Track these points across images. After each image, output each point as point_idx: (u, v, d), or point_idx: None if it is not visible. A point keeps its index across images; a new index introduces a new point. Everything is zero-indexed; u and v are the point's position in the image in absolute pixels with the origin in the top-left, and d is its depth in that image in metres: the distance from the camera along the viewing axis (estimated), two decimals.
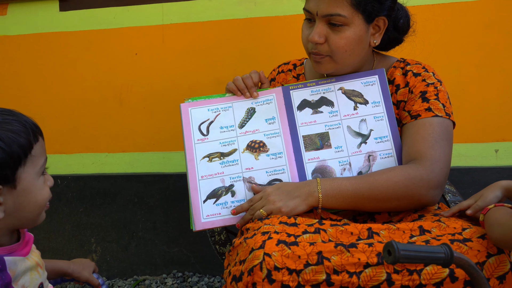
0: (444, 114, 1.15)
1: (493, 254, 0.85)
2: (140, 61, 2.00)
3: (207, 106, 1.26)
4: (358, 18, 1.12)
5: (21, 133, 0.80)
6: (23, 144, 0.79)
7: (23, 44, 2.06)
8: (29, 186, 0.81)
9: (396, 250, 0.65)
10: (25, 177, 0.80)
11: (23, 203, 0.81)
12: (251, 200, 1.12)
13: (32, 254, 0.87)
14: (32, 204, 0.82)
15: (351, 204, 1.09)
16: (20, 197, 0.80)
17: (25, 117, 0.83)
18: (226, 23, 1.93)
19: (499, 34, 1.77)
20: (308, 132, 1.21)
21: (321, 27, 1.14)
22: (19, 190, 0.80)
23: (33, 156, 0.82)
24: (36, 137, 0.83)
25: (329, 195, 1.08)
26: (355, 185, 1.08)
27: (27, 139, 0.80)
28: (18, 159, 0.79)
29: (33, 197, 0.82)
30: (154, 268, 2.02)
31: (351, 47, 1.15)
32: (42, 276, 0.87)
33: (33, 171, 0.82)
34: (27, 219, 0.84)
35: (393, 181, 1.07)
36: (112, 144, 2.04)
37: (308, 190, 1.08)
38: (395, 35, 1.26)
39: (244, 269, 0.88)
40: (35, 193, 0.82)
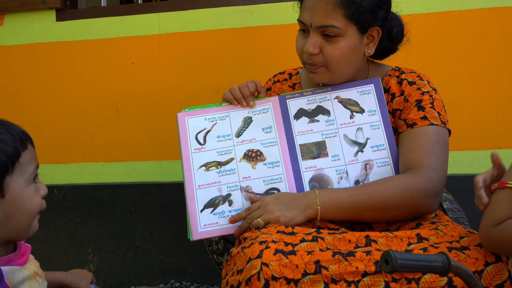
0: (440, 122, 1.15)
1: (491, 262, 0.85)
2: (137, 70, 2.00)
3: (204, 116, 1.26)
4: (352, 29, 1.13)
5: (7, 141, 0.80)
6: (10, 152, 0.79)
7: (20, 54, 2.06)
8: (18, 195, 0.81)
9: (393, 259, 0.65)
10: (13, 185, 0.80)
11: (13, 212, 0.80)
12: (249, 209, 1.12)
13: (30, 264, 0.86)
14: (22, 213, 0.82)
15: (350, 215, 1.09)
16: (10, 206, 0.80)
17: (13, 126, 0.83)
18: (223, 32, 1.94)
19: (494, 43, 1.78)
20: (305, 141, 1.21)
21: (315, 38, 1.15)
22: (8, 199, 0.79)
23: (22, 164, 0.81)
24: (24, 144, 0.83)
25: (327, 207, 1.08)
26: (353, 196, 1.08)
27: (14, 147, 0.80)
28: (4, 167, 0.78)
29: (22, 206, 0.81)
30: (151, 278, 2.00)
31: (345, 57, 1.15)
32: (42, 285, 0.87)
33: (22, 179, 0.81)
34: (18, 229, 0.83)
35: (391, 192, 1.07)
36: (109, 154, 2.03)
37: (306, 202, 1.08)
38: (389, 44, 1.27)
39: (242, 279, 0.88)
40: (24, 201, 0.82)
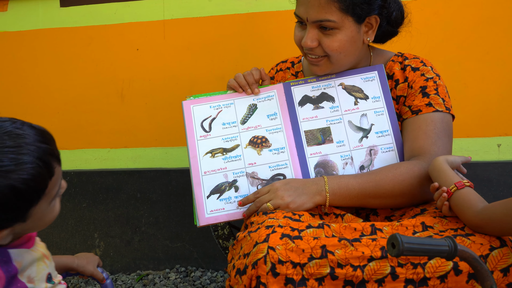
0: (444, 108, 1.16)
1: (496, 247, 0.86)
2: (141, 57, 1.99)
3: (209, 103, 1.27)
4: (348, 21, 1.12)
5: (36, 178, 0.73)
6: (38, 189, 0.74)
7: (23, 40, 2.05)
8: (40, 216, 0.79)
9: (400, 242, 0.65)
10: (36, 212, 0.77)
11: (33, 227, 0.80)
12: (257, 192, 1.12)
13: (38, 246, 0.87)
14: (40, 225, 0.81)
15: (357, 202, 1.10)
16: (30, 224, 0.78)
17: (41, 148, 0.74)
18: (228, 18, 1.92)
19: (501, 29, 1.76)
20: (309, 127, 1.21)
21: (312, 32, 1.15)
22: (28, 221, 0.77)
23: (47, 193, 0.77)
24: (51, 172, 0.76)
25: (336, 194, 1.08)
26: (362, 184, 1.09)
27: (43, 182, 0.74)
28: (30, 202, 0.75)
29: (42, 221, 0.80)
30: (157, 263, 2.03)
31: (344, 48, 1.15)
32: (49, 266, 0.88)
33: (45, 204, 0.78)
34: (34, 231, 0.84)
35: (399, 179, 1.08)
36: (114, 140, 2.04)
37: (316, 188, 1.09)
38: (389, 29, 1.25)
39: (248, 262, 0.89)
40: (45, 217, 0.80)
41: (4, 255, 0.77)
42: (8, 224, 0.74)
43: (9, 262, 0.78)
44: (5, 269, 0.76)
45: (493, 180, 1.79)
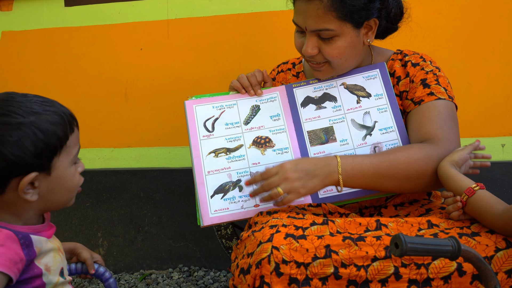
0: (447, 97, 1.15)
1: (502, 248, 0.85)
2: (145, 56, 2.00)
3: (212, 104, 1.27)
4: (347, 28, 1.12)
5: (59, 125, 0.84)
6: (60, 136, 0.84)
7: (28, 40, 2.06)
8: (62, 174, 0.86)
9: (403, 242, 0.65)
10: (59, 166, 0.85)
11: (56, 188, 0.86)
12: (265, 172, 1.05)
13: (54, 240, 0.92)
14: (63, 189, 0.88)
15: (371, 184, 1.07)
16: (53, 183, 0.85)
17: (63, 108, 0.88)
18: (231, 18, 1.92)
19: (506, 28, 1.76)
20: (312, 128, 1.21)
21: (312, 40, 1.15)
22: (53, 176, 0.85)
23: (68, 146, 0.86)
24: (72, 128, 0.88)
25: (349, 175, 1.04)
26: (376, 164, 1.05)
27: (64, 131, 0.85)
28: (54, 149, 0.84)
29: (64, 183, 0.87)
30: (160, 262, 2.03)
31: (345, 54, 1.15)
32: (63, 261, 0.92)
33: (67, 160, 0.87)
34: (58, 202, 0.89)
35: (414, 159, 1.05)
36: (117, 139, 2.05)
37: (328, 170, 1.04)
38: (388, 26, 1.25)
39: (252, 262, 0.89)
40: (66, 179, 0.88)
41: (27, 239, 0.81)
42: (35, 168, 0.81)
43: (30, 246, 0.82)
44: (26, 252, 0.81)
45: (497, 180, 1.78)
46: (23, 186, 0.81)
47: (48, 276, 0.85)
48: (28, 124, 0.80)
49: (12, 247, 0.79)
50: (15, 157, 0.79)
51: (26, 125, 0.80)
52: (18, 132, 0.79)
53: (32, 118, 0.81)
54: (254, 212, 1.12)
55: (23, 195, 0.82)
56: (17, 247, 0.80)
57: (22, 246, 0.81)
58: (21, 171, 0.81)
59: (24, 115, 0.81)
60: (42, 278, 0.84)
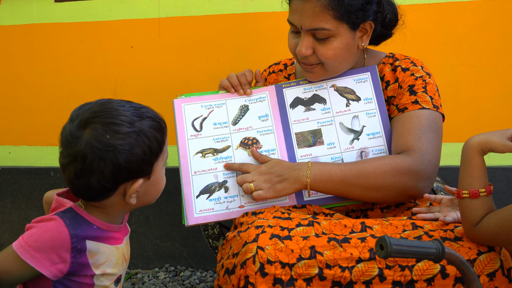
0: (432, 106, 1.14)
1: (484, 252, 0.86)
2: (136, 54, 1.99)
3: (201, 103, 1.26)
4: (343, 29, 1.11)
5: (158, 130, 0.89)
6: (160, 140, 0.89)
7: (17, 35, 2.04)
8: (158, 177, 0.92)
9: (388, 244, 0.65)
10: (157, 169, 0.90)
11: (151, 190, 0.92)
12: (243, 164, 1.16)
13: (125, 246, 0.94)
14: (155, 191, 0.93)
15: (339, 191, 1.09)
16: (150, 186, 0.91)
17: (155, 113, 0.92)
18: (223, 17, 1.92)
19: (494, 35, 1.78)
20: (300, 129, 1.21)
21: (307, 40, 1.14)
22: (151, 180, 0.90)
23: (164, 150, 0.92)
24: (165, 132, 0.92)
25: (317, 179, 1.09)
26: (344, 171, 1.08)
27: (161, 135, 0.90)
28: (156, 154, 0.88)
29: (157, 186, 0.93)
30: (146, 261, 2.02)
31: (339, 56, 1.15)
32: (123, 270, 0.94)
33: (162, 163, 0.92)
34: (146, 203, 0.94)
35: (382, 170, 1.07)
36: None
37: (297, 174, 1.10)
38: (383, 31, 1.25)
39: (237, 262, 0.88)
40: (160, 182, 0.93)
41: (79, 244, 0.84)
42: (142, 173, 0.86)
43: (82, 251, 0.84)
44: (73, 255, 0.83)
45: None
46: (132, 192, 0.86)
47: (100, 279, 0.88)
48: (139, 133, 0.85)
49: (58, 249, 0.81)
50: (128, 164, 0.83)
51: (137, 133, 0.85)
52: (132, 140, 0.83)
53: (139, 125, 0.85)
54: (239, 213, 1.12)
55: (130, 199, 0.87)
56: (64, 251, 0.82)
57: (72, 250, 0.83)
58: (130, 177, 0.85)
59: (134, 124, 0.85)
60: (93, 278, 0.87)
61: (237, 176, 1.16)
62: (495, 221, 0.83)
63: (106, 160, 0.82)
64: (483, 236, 0.86)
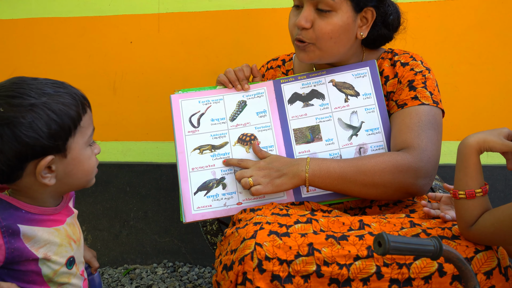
0: (432, 102, 1.13)
1: (481, 250, 0.86)
2: (135, 50, 1.98)
3: (198, 98, 1.25)
4: (346, 5, 1.11)
5: (71, 105, 0.85)
6: (73, 116, 0.85)
7: (15, 29, 2.03)
8: (78, 155, 0.87)
9: (386, 241, 0.65)
10: (74, 147, 0.86)
11: (72, 170, 0.87)
12: (242, 160, 1.16)
13: (68, 227, 0.91)
14: (80, 171, 0.89)
15: (338, 187, 1.09)
16: (70, 165, 0.86)
17: (75, 90, 0.89)
18: (223, 14, 1.92)
19: (493, 33, 1.78)
20: (298, 126, 1.21)
21: (308, 11, 1.13)
22: (69, 159, 0.86)
23: (82, 127, 0.87)
24: (85, 109, 0.89)
25: (316, 175, 1.08)
26: (343, 168, 1.08)
27: (76, 111, 0.85)
28: (68, 130, 0.84)
29: (81, 166, 0.88)
30: (144, 257, 2.02)
31: (336, 34, 1.13)
32: (75, 251, 0.92)
33: (82, 141, 0.88)
34: (75, 185, 0.90)
35: (381, 167, 1.06)
36: (104, 133, 2.03)
37: (296, 169, 1.09)
38: (384, 32, 1.24)
39: (235, 258, 0.89)
40: (83, 161, 0.89)
41: (10, 228, 0.81)
42: (52, 150, 0.82)
43: (15, 234, 0.81)
44: (7, 240, 0.81)
45: None
46: (40, 170, 0.82)
47: (46, 263, 0.85)
48: (40, 105, 0.81)
49: None
50: (29, 139, 0.79)
51: (38, 106, 0.81)
52: (31, 114, 0.80)
53: (44, 99, 0.82)
54: (237, 210, 1.12)
55: (41, 179, 0.83)
56: None
57: (4, 234, 0.80)
58: (37, 154, 0.81)
59: (36, 96, 0.81)
60: (38, 263, 0.84)
61: (235, 173, 1.16)
62: (491, 221, 0.83)
63: (2, 136, 0.78)
64: (479, 236, 0.86)
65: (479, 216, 0.86)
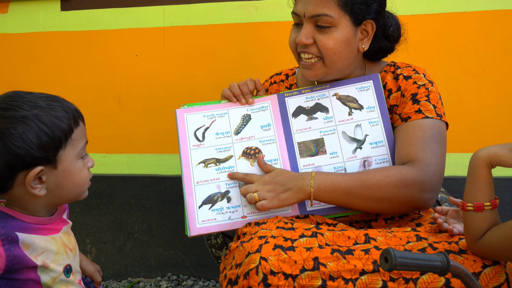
0: (435, 115, 1.13)
1: (489, 265, 0.85)
2: (140, 63, 2.00)
3: (203, 112, 1.26)
4: (345, 20, 1.12)
5: (63, 118, 0.87)
6: (64, 129, 0.87)
7: (23, 43, 2.05)
8: (69, 167, 0.89)
9: (393, 257, 0.65)
10: (65, 159, 0.88)
11: (63, 182, 0.89)
12: (247, 175, 1.15)
13: (64, 235, 0.92)
14: (71, 183, 0.90)
15: (343, 201, 1.09)
16: (60, 176, 0.88)
17: (68, 103, 0.91)
18: (227, 27, 1.93)
19: (498, 45, 1.78)
20: (303, 139, 1.21)
21: (308, 28, 1.14)
22: (60, 170, 0.87)
23: (73, 139, 0.89)
24: (77, 122, 0.91)
25: (321, 189, 1.08)
26: (348, 182, 1.08)
27: (68, 124, 0.88)
28: (59, 142, 0.86)
29: (72, 177, 0.90)
30: (149, 270, 2.01)
31: (339, 49, 1.14)
32: (71, 259, 0.92)
33: (73, 153, 0.89)
34: (67, 197, 0.91)
35: (386, 181, 1.06)
36: (109, 145, 2.03)
37: (301, 183, 1.09)
38: (386, 44, 1.25)
39: (240, 272, 0.88)
40: (74, 173, 0.90)
41: (9, 235, 0.82)
42: (41, 161, 0.84)
43: (14, 242, 0.82)
44: (7, 248, 0.81)
45: None
46: (29, 180, 0.83)
47: (45, 271, 0.86)
48: (31, 117, 0.83)
49: None
50: (19, 150, 0.81)
51: (29, 118, 0.83)
52: (22, 125, 0.82)
53: (35, 112, 0.84)
54: (242, 223, 1.12)
55: (31, 189, 0.84)
56: None
57: (3, 242, 0.81)
58: (27, 165, 0.83)
59: (28, 109, 0.84)
60: (37, 271, 0.85)
61: (239, 186, 1.16)
62: (498, 236, 0.82)
63: None
64: (486, 250, 0.85)
65: (486, 230, 0.86)
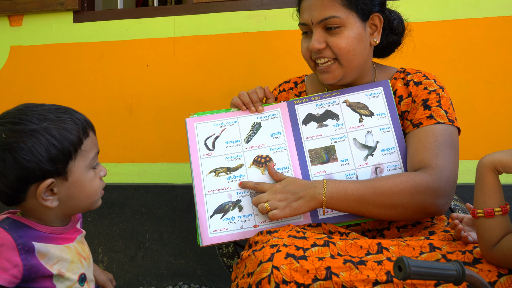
0: (447, 120, 1.13)
1: (504, 274, 0.84)
2: (151, 73, 2.02)
3: (213, 121, 1.26)
4: (352, 17, 1.14)
5: (72, 130, 0.87)
6: (74, 141, 0.87)
7: (37, 54, 2.09)
8: (80, 178, 0.89)
9: (407, 266, 0.64)
10: (75, 170, 0.88)
11: (75, 193, 0.89)
12: (258, 184, 1.15)
13: (78, 245, 0.93)
14: (83, 194, 0.90)
15: (355, 209, 1.08)
16: (72, 188, 0.88)
17: (78, 114, 0.91)
18: (237, 36, 1.95)
19: (508, 50, 1.77)
20: (313, 146, 1.20)
21: (318, 33, 1.15)
22: (70, 181, 0.88)
23: (83, 150, 0.89)
24: (87, 132, 0.91)
25: (333, 197, 1.07)
26: (360, 189, 1.07)
27: (77, 135, 0.88)
28: (68, 154, 0.86)
29: (83, 188, 0.90)
30: (160, 279, 2.01)
31: (353, 46, 1.15)
32: (86, 268, 0.93)
33: (83, 164, 0.90)
34: (79, 207, 0.92)
35: (399, 188, 1.05)
36: (121, 154, 2.05)
37: (313, 192, 1.08)
38: (393, 38, 1.26)
39: (252, 281, 0.88)
40: (85, 184, 0.90)
41: (26, 245, 0.83)
42: (52, 173, 0.84)
43: (30, 252, 0.83)
44: (24, 257, 0.82)
45: None
46: (40, 192, 0.84)
47: (60, 279, 0.87)
48: (40, 130, 0.84)
49: (5, 254, 0.81)
50: (29, 163, 0.82)
51: (38, 131, 0.83)
52: (31, 139, 0.83)
53: (45, 125, 0.84)
54: (253, 232, 1.12)
55: (43, 201, 0.85)
56: (12, 254, 0.81)
57: (20, 251, 0.82)
58: (38, 178, 0.84)
59: (37, 122, 0.84)
60: (52, 280, 0.86)
61: (251, 195, 1.16)
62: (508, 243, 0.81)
63: (4, 160, 0.82)
64: (501, 258, 0.83)
65: (500, 236, 0.84)
